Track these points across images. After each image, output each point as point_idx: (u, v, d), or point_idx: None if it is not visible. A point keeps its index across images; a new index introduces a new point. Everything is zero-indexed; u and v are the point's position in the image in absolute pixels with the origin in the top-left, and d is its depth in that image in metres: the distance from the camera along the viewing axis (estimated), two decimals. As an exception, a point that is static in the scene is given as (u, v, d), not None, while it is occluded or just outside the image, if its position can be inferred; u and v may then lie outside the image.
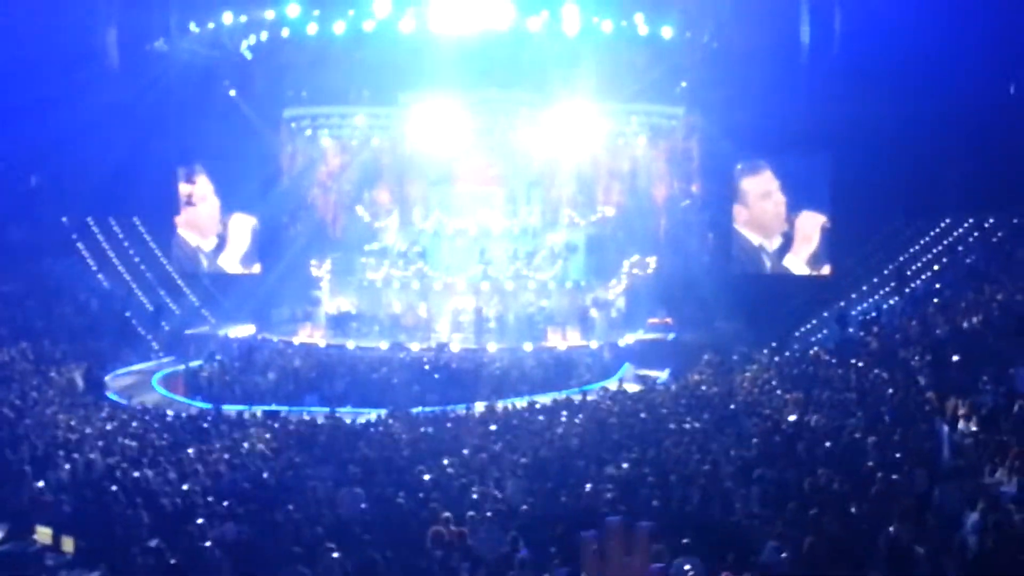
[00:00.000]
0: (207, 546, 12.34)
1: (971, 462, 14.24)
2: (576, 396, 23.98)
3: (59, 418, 20.97)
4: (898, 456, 14.71)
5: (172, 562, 11.69)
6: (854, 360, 23.14)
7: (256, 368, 29.33)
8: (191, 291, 37.26)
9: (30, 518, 13.46)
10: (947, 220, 31.90)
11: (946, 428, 15.78)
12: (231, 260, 37.54)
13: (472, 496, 14.43)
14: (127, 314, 34.66)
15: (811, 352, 26.49)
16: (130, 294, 35.91)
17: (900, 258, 32.27)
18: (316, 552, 11.88)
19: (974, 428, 15.46)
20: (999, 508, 11.85)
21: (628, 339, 32.00)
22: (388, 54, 32.96)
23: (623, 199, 36.44)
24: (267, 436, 19.36)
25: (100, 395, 26.75)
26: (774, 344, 29.57)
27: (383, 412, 23.58)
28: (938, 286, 28.41)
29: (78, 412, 22.46)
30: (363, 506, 14.29)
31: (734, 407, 20.96)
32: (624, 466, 15.51)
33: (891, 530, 11.47)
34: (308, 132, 36.53)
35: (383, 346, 31.00)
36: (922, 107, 29.95)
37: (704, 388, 24.42)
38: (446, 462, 16.48)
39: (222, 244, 37.45)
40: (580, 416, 20.55)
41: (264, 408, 24.33)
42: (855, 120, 30.87)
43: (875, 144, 30.73)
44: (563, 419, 20.29)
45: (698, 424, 19.04)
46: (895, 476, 13.57)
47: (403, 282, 34.33)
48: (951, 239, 31.60)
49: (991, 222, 30.70)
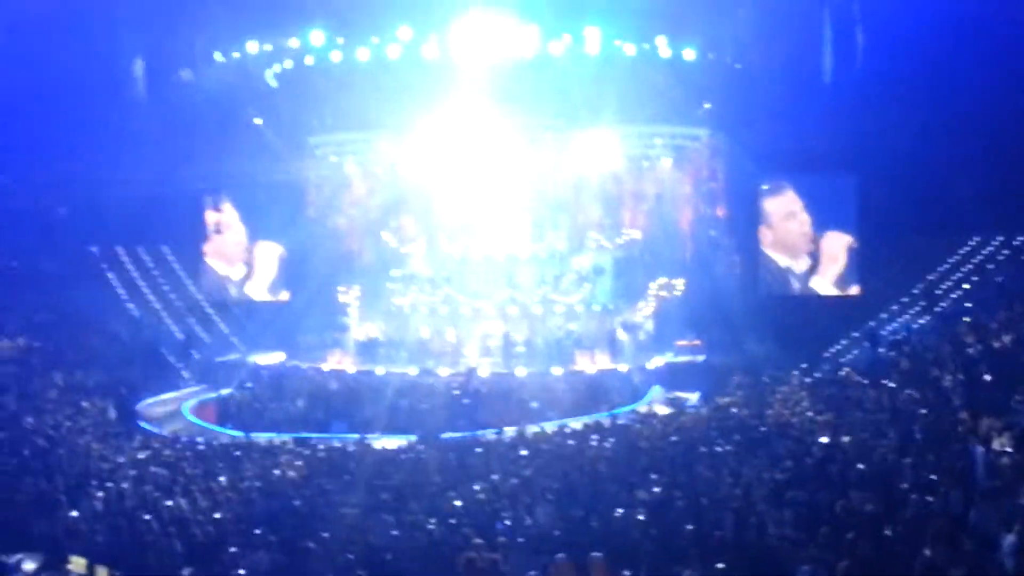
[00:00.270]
0: (240, 574, 12.37)
1: (1007, 482, 14.04)
2: (606, 420, 23.90)
3: (92, 447, 21.08)
4: (932, 477, 14.54)
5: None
6: (885, 380, 22.97)
7: (286, 395, 29.39)
8: (220, 319, 37.46)
9: (64, 548, 13.52)
10: (976, 238, 31.69)
11: (980, 448, 15.61)
12: (258, 288, 37.73)
13: (503, 522, 14.41)
14: (157, 343, 34.88)
15: (842, 373, 26.32)
16: (160, 323, 36.15)
17: (930, 277, 32.08)
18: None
19: (1009, 448, 15.29)
20: (1036, 529, 11.70)
21: (657, 362, 31.92)
22: (412, 80, 33.11)
23: (649, 221, 36.42)
24: (298, 463, 19.37)
25: (132, 424, 26.85)
26: (804, 365, 29.38)
27: (412, 438, 23.59)
28: (968, 305, 28.20)
29: (111, 441, 22.59)
30: (394, 532, 14.28)
31: (765, 429, 20.82)
32: (655, 490, 15.44)
33: (926, 553, 11.35)
34: (333, 159, 36.72)
35: (412, 372, 31.03)
36: (947, 124, 29.84)
37: (734, 410, 24.26)
38: (477, 487, 16.45)
39: (249, 272, 37.64)
40: (610, 440, 20.46)
41: (294, 435, 24.36)
42: (880, 138, 30.79)
43: (901, 162, 30.61)
44: (593, 443, 20.21)
45: (729, 447, 18.92)
46: (929, 498, 13.43)
47: (431, 307, 34.41)
48: (981, 257, 31.40)
49: (1021, 240, 30.51)
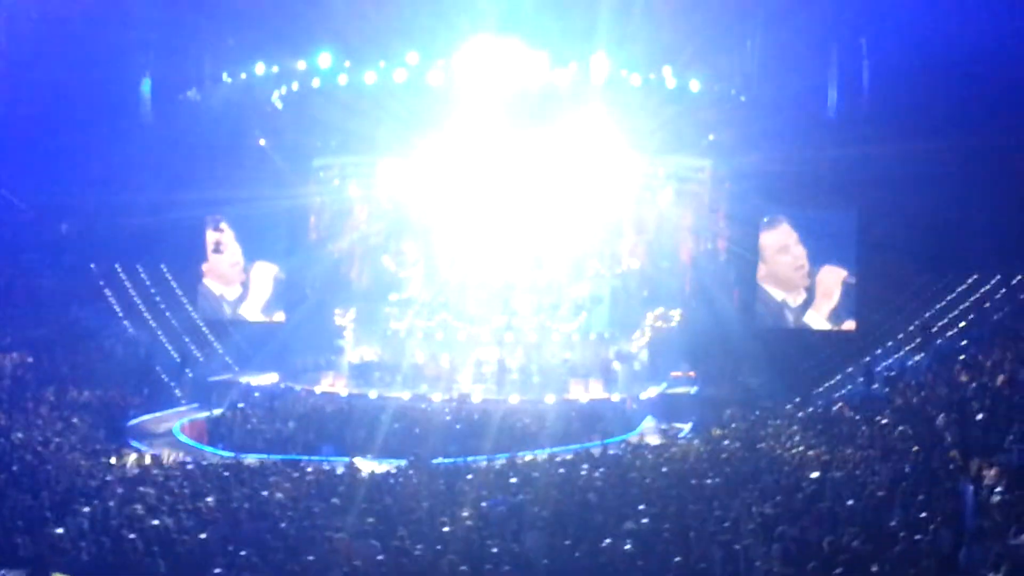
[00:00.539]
0: (223, 596, 12.31)
1: (996, 523, 14.02)
2: (597, 449, 23.82)
3: (80, 464, 20.99)
4: (922, 515, 14.50)
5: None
6: (878, 417, 22.91)
7: (278, 416, 29.30)
8: (215, 339, 37.42)
9: (48, 565, 13.45)
10: (974, 276, 31.68)
11: (971, 488, 15.56)
12: (252, 309, 37.74)
13: (491, 549, 14.32)
14: (151, 361, 34.84)
15: (835, 408, 26.28)
16: (155, 341, 36.10)
17: (926, 314, 32.05)
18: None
19: (1000, 488, 15.23)
20: (1024, 570, 11.66)
21: (651, 392, 31.90)
22: (417, 105, 33.26)
23: (648, 251, 36.48)
24: (287, 485, 19.29)
25: (122, 442, 26.76)
26: (798, 399, 29.34)
27: (403, 462, 23.51)
28: (964, 343, 28.15)
29: (99, 459, 22.49)
30: (380, 557, 14.19)
31: (756, 463, 20.75)
32: (644, 521, 15.35)
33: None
34: (336, 181, 36.87)
35: (405, 396, 30.98)
36: (949, 162, 29.93)
37: (726, 443, 24.20)
38: (465, 514, 16.37)
39: (245, 293, 37.68)
40: (601, 469, 20.37)
41: (284, 457, 24.26)
42: (882, 174, 30.92)
43: (901, 199, 30.69)
44: (583, 472, 20.13)
45: (719, 479, 18.85)
46: (919, 536, 13.38)
47: (427, 332, 34.41)
48: (978, 295, 31.37)
49: (1019, 279, 30.49)
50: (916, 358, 29.84)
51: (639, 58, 32.67)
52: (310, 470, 21.59)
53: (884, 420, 22.19)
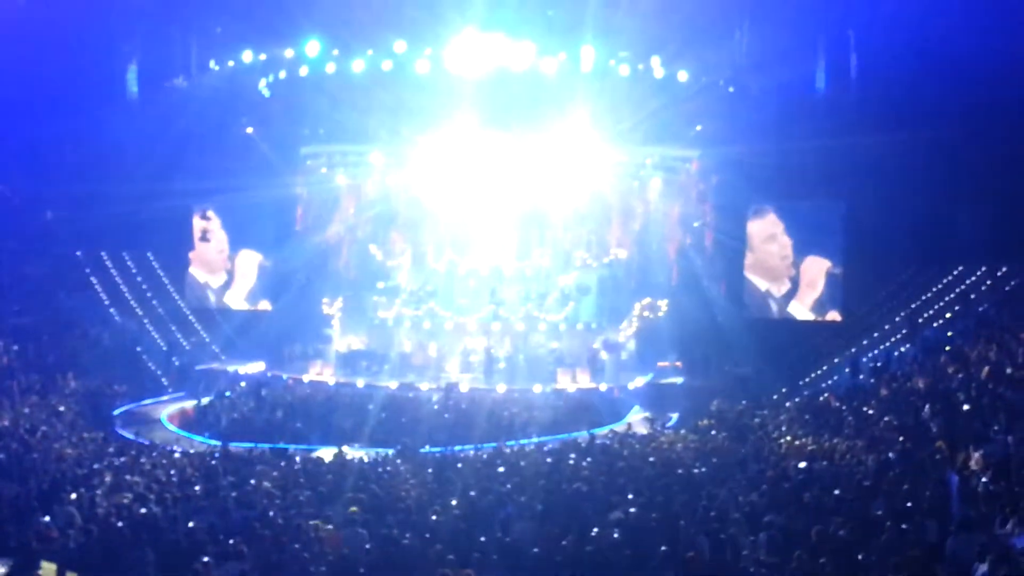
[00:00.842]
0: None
1: (982, 513, 14.10)
2: (584, 438, 23.87)
3: (67, 453, 20.95)
4: (908, 505, 14.58)
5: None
6: (864, 407, 23.03)
7: (265, 405, 29.28)
8: (202, 327, 37.36)
9: (35, 554, 13.40)
10: (960, 268, 31.79)
11: (956, 478, 15.65)
12: (237, 297, 37.71)
13: (478, 538, 14.34)
14: (138, 349, 34.78)
15: (821, 398, 26.40)
16: (142, 329, 36.02)
17: (912, 305, 32.16)
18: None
19: (985, 479, 15.32)
20: (1010, 560, 11.70)
21: (638, 382, 31.97)
22: (405, 94, 33.13)
23: (636, 241, 36.51)
24: (274, 474, 19.29)
25: (109, 430, 26.71)
26: (784, 390, 29.45)
27: (391, 451, 23.52)
28: (950, 334, 28.26)
29: (86, 447, 22.44)
30: (368, 546, 14.20)
31: (743, 453, 20.84)
32: (631, 510, 15.39)
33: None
34: (324, 170, 36.72)
35: (392, 385, 30.99)
36: (936, 154, 30.01)
37: (713, 433, 24.32)
38: (453, 503, 16.39)
39: (229, 281, 37.65)
40: (588, 459, 20.41)
41: (272, 445, 24.24)
42: (870, 165, 30.97)
43: (889, 190, 30.74)
44: (571, 462, 20.16)
45: (706, 469, 18.92)
46: (904, 526, 13.45)
47: (414, 321, 34.42)
48: (964, 287, 31.48)
49: (1004, 271, 30.60)
50: (902, 349, 29.98)
51: (627, 48, 32.61)
52: (297, 459, 21.62)
53: (870, 411, 22.34)
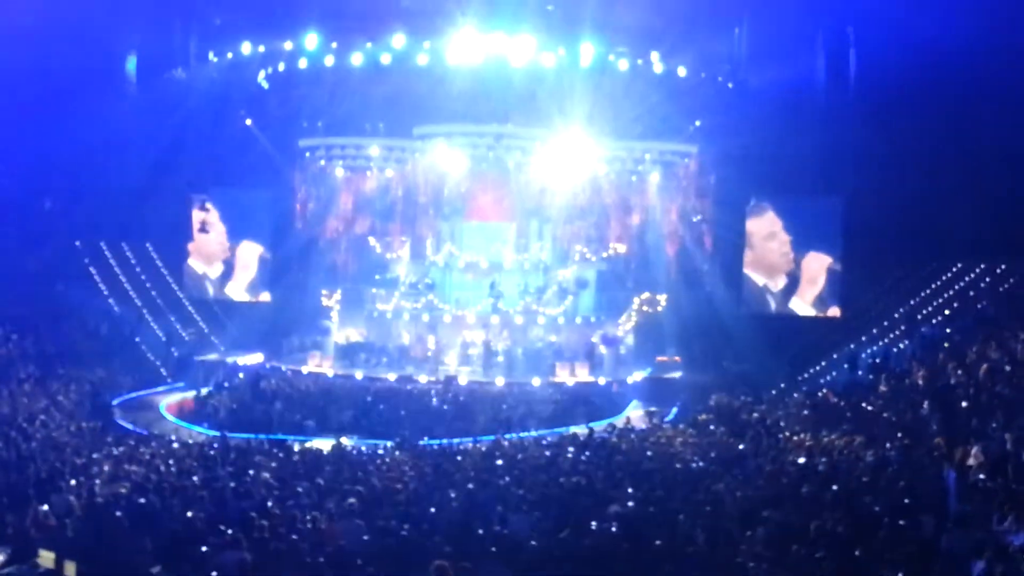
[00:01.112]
0: (210, 574, 12.28)
1: (979, 510, 14.12)
2: (583, 432, 23.88)
3: (65, 442, 20.95)
4: (905, 501, 14.60)
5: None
6: (863, 403, 23.05)
7: (264, 397, 29.28)
8: (201, 318, 37.36)
9: (33, 542, 13.40)
10: (959, 265, 31.82)
11: (954, 474, 15.67)
12: (238, 288, 37.71)
13: (476, 531, 14.34)
14: (137, 339, 34.77)
15: (820, 394, 26.41)
16: (140, 319, 36.01)
17: (911, 302, 32.19)
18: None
19: (982, 475, 15.35)
20: (1007, 557, 11.71)
21: (636, 376, 31.99)
22: (404, 87, 33.14)
23: (635, 236, 36.50)
24: (272, 465, 19.30)
25: (107, 420, 26.70)
26: (783, 385, 29.47)
27: (389, 444, 23.54)
28: (948, 331, 28.30)
29: (85, 437, 22.44)
30: (365, 537, 14.21)
31: (741, 448, 20.86)
32: (629, 504, 15.40)
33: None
34: (322, 162, 36.67)
35: (391, 377, 31.02)
36: (935, 150, 30.02)
37: (711, 428, 24.34)
38: (451, 495, 16.40)
39: (228, 271, 37.64)
40: (586, 453, 20.44)
41: (270, 436, 24.25)
42: (869, 162, 31.01)
43: (888, 187, 30.77)
44: (569, 455, 20.19)
45: (704, 464, 18.94)
46: (901, 522, 13.47)
47: (413, 314, 34.40)
48: (962, 284, 31.52)
49: (1003, 268, 30.63)
50: (901, 346, 30.01)
51: (627, 43, 32.61)
52: (296, 450, 21.61)
53: (869, 407, 22.36)
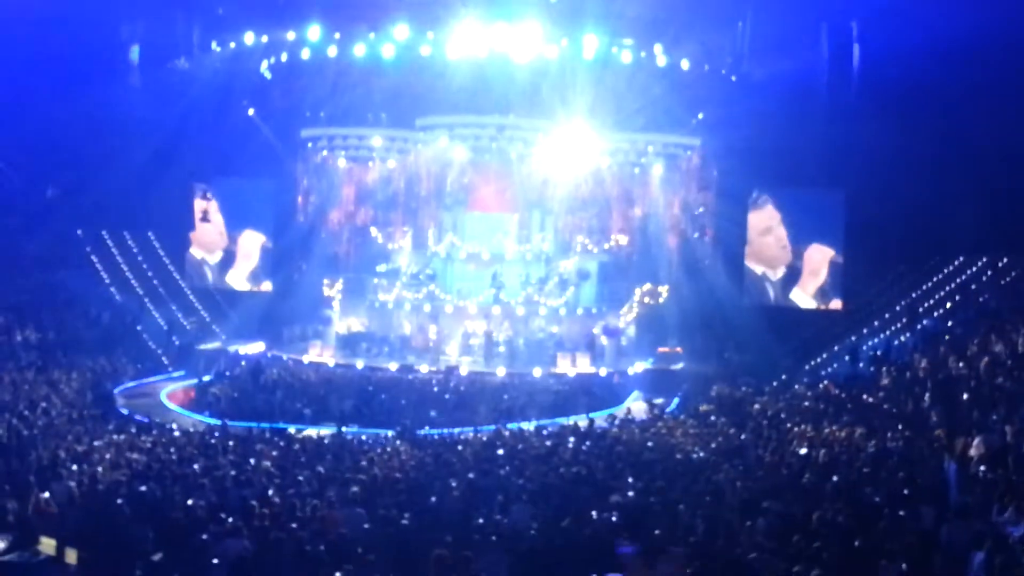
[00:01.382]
0: (211, 562, 12.30)
1: (979, 501, 14.14)
2: (584, 423, 23.91)
3: (67, 430, 20.97)
4: (905, 493, 14.61)
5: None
6: (864, 395, 23.07)
7: (265, 385, 29.31)
8: (203, 306, 37.39)
9: (35, 529, 13.43)
10: (960, 258, 31.82)
11: (954, 466, 15.70)
12: (239, 277, 37.72)
13: (477, 520, 14.37)
14: (138, 328, 34.79)
15: (821, 386, 26.44)
16: (142, 308, 36.04)
17: (913, 294, 32.20)
18: (318, 571, 11.82)
19: (983, 467, 15.37)
20: (1006, 548, 11.73)
21: (637, 367, 32.01)
22: (407, 78, 33.08)
23: (637, 227, 36.50)
24: (273, 454, 19.32)
25: (109, 408, 26.72)
26: (784, 376, 29.48)
27: (390, 433, 23.57)
28: (950, 324, 28.31)
29: (86, 424, 22.46)
30: (366, 526, 14.23)
31: (742, 438, 20.88)
32: (630, 494, 15.42)
33: (898, 568, 11.36)
34: (324, 153, 36.65)
35: (392, 367, 31.04)
36: (938, 144, 30.01)
37: (712, 418, 24.36)
38: (452, 484, 16.42)
39: (229, 260, 37.66)
40: (587, 443, 20.47)
41: (271, 425, 24.28)
42: (871, 155, 30.96)
43: (890, 179, 30.76)
44: (570, 445, 20.21)
45: (705, 454, 18.96)
46: (902, 512, 13.48)
47: (414, 304, 34.39)
48: (964, 277, 31.53)
49: (1005, 261, 30.63)
50: (902, 338, 30.03)
51: (630, 35, 32.54)
52: (297, 439, 21.63)
53: (870, 398, 22.38)
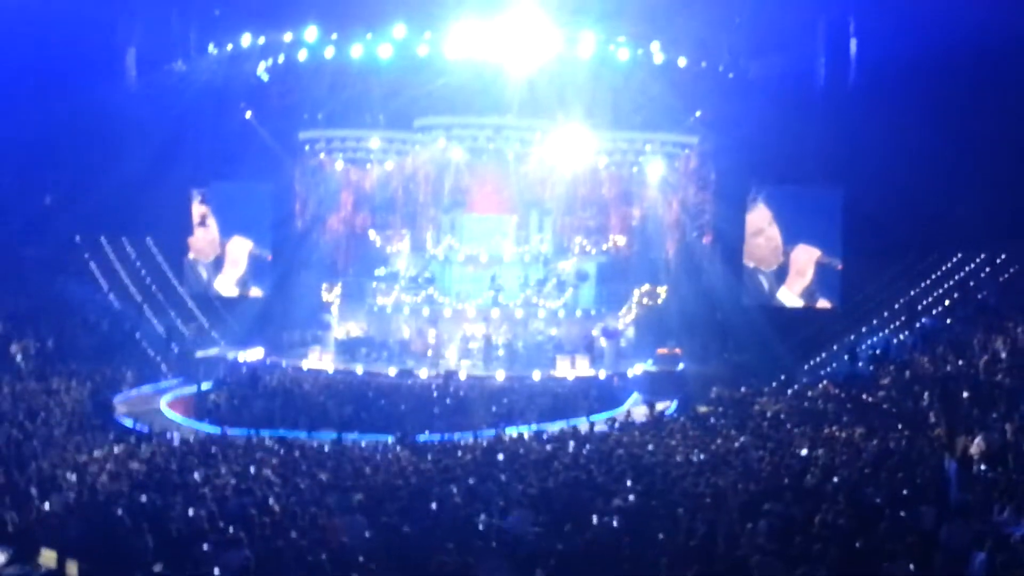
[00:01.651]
0: (212, 572, 12.28)
1: (980, 500, 14.13)
2: (583, 426, 23.88)
3: (66, 440, 20.93)
4: (906, 493, 14.60)
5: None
6: (863, 395, 23.05)
7: (264, 393, 29.25)
8: (201, 313, 37.34)
9: (35, 541, 13.40)
10: (959, 255, 31.81)
11: (955, 465, 15.68)
12: (227, 284, 37.63)
13: (477, 526, 14.35)
14: (137, 335, 34.75)
15: (820, 386, 26.42)
16: (140, 315, 35.99)
17: (911, 292, 32.18)
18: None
19: (983, 466, 15.36)
20: (1007, 548, 11.73)
21: (637, 369, 31.96)
22: (404, 79, 33.03)
23: (635, 228, 36.48)
24: (274, 461, 19.28)
25: (108, 417, 26.67)
26: (783, 377, 29.46)
27: (390, 439, 23.53)
28: (949, 321, 28.30)
29: (85, 434, 22.42)
30: (367, 534, 14.20)
31: (742, 440, 20.84)
32: (631, 498, 15.39)
33: (904, 568, 11.34)
34: (322, 155, 36.63)
35: (391, 372, 30.98)
36: (936, 140, 29.98)
37: (712, 420, 24.32)
38: (453, 490, 16.39)
39: (219, 266, 37.60)
40: (587, 446, 20.45)
41: (271, 433, 24.24)
42: (869, 152, 30.94)
43: (889, 177, 30.74)
44: (570, 449, 20.19)
45: (705, 456, 18.92)
46: (902, 513, 13.47)
47: (413, 308, 34.33)
48: (963, 274, 31.51)
49: (1003, 258, 30.62)
50: (901, 337, 30.01)
51: (627, 33, 32.50)
52: (297, 446, 21.60)
53: (869, 398, 22.36)
